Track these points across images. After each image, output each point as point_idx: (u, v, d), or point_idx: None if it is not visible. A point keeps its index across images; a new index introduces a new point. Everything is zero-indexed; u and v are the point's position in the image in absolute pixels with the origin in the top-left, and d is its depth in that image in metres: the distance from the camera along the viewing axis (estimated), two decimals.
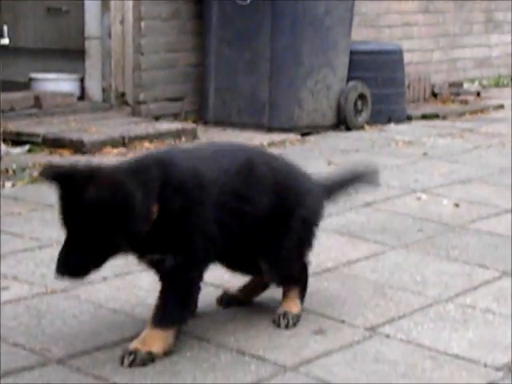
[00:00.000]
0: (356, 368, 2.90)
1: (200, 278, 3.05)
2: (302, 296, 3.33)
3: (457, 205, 4.96)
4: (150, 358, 2.89)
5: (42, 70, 7.12)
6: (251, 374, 2.85)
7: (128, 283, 3.55)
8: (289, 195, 3.20)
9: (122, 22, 6.72)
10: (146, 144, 6.13)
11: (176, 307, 3.00)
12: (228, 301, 3.41)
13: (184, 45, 7.03)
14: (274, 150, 6.20)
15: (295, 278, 3.31)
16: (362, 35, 7.90)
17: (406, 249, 4.21)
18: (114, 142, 6.00)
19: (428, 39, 9.23)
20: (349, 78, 7.08)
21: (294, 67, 6.71)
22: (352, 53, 7.09)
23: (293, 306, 3.27)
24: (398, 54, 7.54)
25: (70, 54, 7.19)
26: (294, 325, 3.20)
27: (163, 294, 3.00)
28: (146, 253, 2.93)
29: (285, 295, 3.31)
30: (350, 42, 7.10)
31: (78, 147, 5.71)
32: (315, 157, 6.16)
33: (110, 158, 5.74)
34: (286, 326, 3.19)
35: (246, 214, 3.08)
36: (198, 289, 3.07)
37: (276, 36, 6.62)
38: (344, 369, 2.89)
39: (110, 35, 6.75)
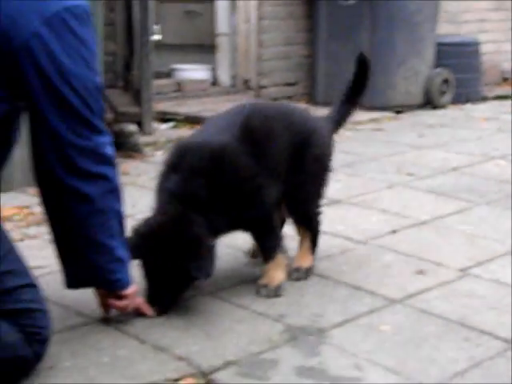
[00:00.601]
0: (452, 302, 3.09)
1: (273, 219, 3.18)
2: (313, 247, 3.38)
3: None
4: (278, 288, 3.12)
5: (181, 61, 7.34)
6: (366, 305, 3.06)
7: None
8: (300, 138, 3.22)
9: (247, 21, 7.04)
10: None
11: (270, 243, 3.18)
12: (254, 254, 3.49)
13: (297, 39, 7.32)
14: (373, 126, 6.60)
15: (309, 216, 3.38)
16: (446, 29, 8.00)
17: (488, 205, 4.36)
18: None
19: (499, 33, 9.32)
20: (435, 66, 7.34)
21: (389, 57, 6.99)
22: (438, 44, 7.34)
23: (304, 260, 3.37)
24: (475, 45, 7.80)
25: (204, 49, 7.47)
26: (306, 277, 3.31)
27: (257, 241, 3.27)
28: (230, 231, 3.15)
29: (299, 247, 3.39)
30: (436, 36, 7.34)
31: None
32: (407, 131, 6.34)
33: None
34: (300, 279, 3.29)
35: (275, 159, 3.13)
36: (276, 225, 3.24)
37: (374, 31, 6.94)
38: (441, 302, 3.08)
39: (236, 32, 7.08)
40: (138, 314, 2.89)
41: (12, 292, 2.37)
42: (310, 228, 3.36)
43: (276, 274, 3.15)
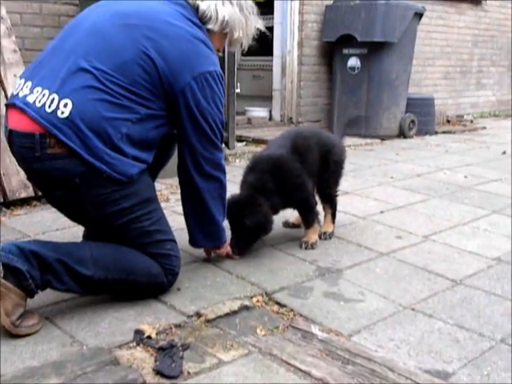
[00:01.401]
0: (419, 256, 3.08)
1: (313, 200, 3.14)
2: (333, 219, 3.33)
3: (466, 176, 5.02)
4: (314, 244, 3.09)
5: (250, 105, 7.33)
6: (366, 256, 3.04)
7: None
8: (325, 149, 3.18)
9: (291, 82, 7.02)
10: None
11: (310, 216, 3.13)
12: (288, 224, 3.45)
13: (322, 94, 7.28)
14: (368, 148, 6.44)
15: (331, 198, 3.30)
16: (413, 90, 7.96)
17: (440, 198, 4.27)
18: None
19: (445, 93, 9.32)
20: (406, 112, 7.22)
21: (378, 106, 6.90)
22: (408, 99, 7.26)
23: (329, 227, 3.31)
24: (431, 100, 7.65)
25: (265, 98, 7.44)
26: (330, 238, 3.26)
27: (301, 215, 3.19)
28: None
29: (325, 220, 3.32)
30: (407, 93, 7.25)
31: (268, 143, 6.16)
32: (389, 151, 6.25)
33: None
34: (326, 239, 3.24)
35: (311, 163, 3.09)
36: (314, 201, 3.15)
37: (369, 90, 6.86)
38: (412, 256, 3.05)
39: (285, 89, 7.05)
40: (228, 256, 2.91)
41: (159, 243, 2.40)
42: (331, 206, 3.32)
43: (313, 235, 3.14)
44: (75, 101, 2.11)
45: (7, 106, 2.28)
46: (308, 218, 3.14)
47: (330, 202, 3.32)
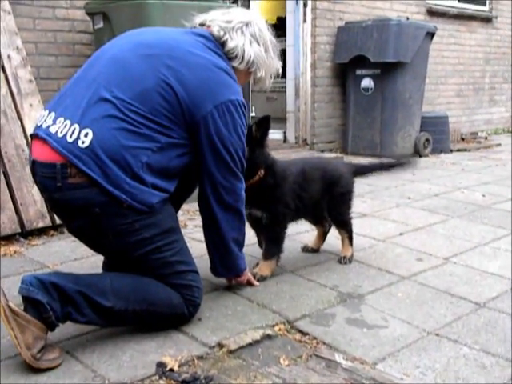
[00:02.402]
0: (440, 278, 3.07)
1: (284, 229, 2.98)
2: (351, 242, 3.26)
3: (484, 195, 5.00)
4: (263, 278, 2.93)
5: None
6: (387, 280, 3.01)
7: None
8: (331, 181, 3.12)
9: (305, 103, 6.99)
10: None
11: (273, 247, 2.98)
12: (307, 249, 3.38)
13: (336, 115, 7.23)
14: None
15: (344, 221, 3.24)
16: (426, 108, 7.93)
17: (459, 218, 4.23)
18: None
19: (459, 110, 9.28)
20: (420, 131, 7.20)
21: (393, 126, 6.86)
22: (422, 117, 7.24)
23: (347, 251, 3.25)
24: (445, 118, 7.64)
25: (279, 120, 7.23)
26: (350, 262, 3.21)
27: (265, 241, 3.02)
28: (252, 207, 2.83)
29: (342, 244, 3.28)
30: (421, 112, 7.22)
31: None
32: (405, 171, 6.31)
33: None
34: (345, 263, 3.20)
35: (303, 195, 3.00)
36: (284, 236, 2.99)
37: (383, 110, 6.82)
38: (433, 279, 3.06)
39: (299, 110, 7.01)
40: (248, 284, 2.89)
41: (180, 273, 2.38)
42: (346, 230, 3.26)
43: (265, 269, 2.99)
44: (95, 130, 2.12)
45: (31, 136, 2.31)
46: (269, 248, 3.01)
47: (345, 227, 3.27)
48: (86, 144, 2.11)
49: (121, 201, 2.15)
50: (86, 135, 2.12)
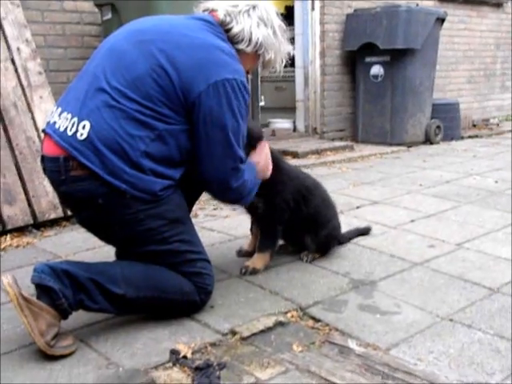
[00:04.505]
0: (453, 264, 3.04)
1: (280, 225, 2.90)
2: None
3: (496, 181, 4.98)
4: (255, 271, 2.85)
5: (274, 117, 7.27)
6: (399, 266, 2.99)
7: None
8: (319, 217, 3.03)
9: (315, 92, 6.97)
10: (328, 152, 6.22)
11: (267, 240, 2.92)
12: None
13: (345, 103, 7.22)
14: (395, 155, 6.40)
15: (323, 251, 3.08)
16: (437, 95, 7.88)
17: (472, 204, 4.22)
18: (313, 152, 6.11)
19: (470, 97, 9.23)
20: (431, 118, 7.18)
21: (403, 113, 6.83)
22: (433, 105, 7.20)
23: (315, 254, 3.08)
24: (455, 104, 7.61)
25: (288, 109, 7.29)
26: (312, 261, 3.03)
27: (260, 233, 2.94)
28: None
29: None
30: (432, 99, 7.19)
31: (294, 155, 5.89)
32: (416, 158, 6.19)
33: (311, 160, 5.80)
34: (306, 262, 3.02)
35: (301, 206, 2.93)
36: (279, 231, 2.92)
37: (393, 97, 6.81)
38: (446, 265, 3.02)
39: (308, 99, 6.99)
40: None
41: (190, 262, 2.37)
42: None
43: (258, 262, 2.92)
44: (92, 121, 2.13)
45: (43, 132, 2.33)
46: (264, 240, 2.93)
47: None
48: (84, 136, 2.12)
49: (122, 191, 2.14)
50: (83, 127, 2.13)
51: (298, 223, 2.96)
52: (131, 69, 2.19)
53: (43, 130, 2.31)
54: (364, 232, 3.42)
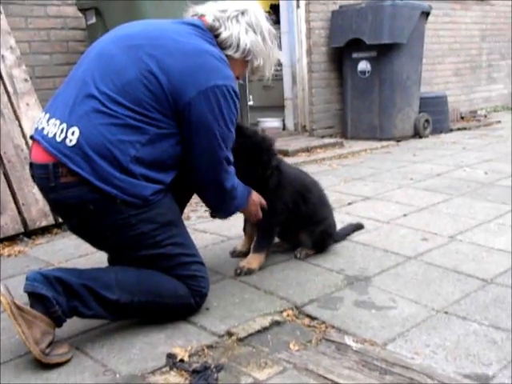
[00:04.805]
0: (446, 257, 3.06)
1: (276, 225, 2.93)
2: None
3: (486, 173, 4.99)
4: (251, 271, 2.84)
5: (263, 116, 7.24)
6: (393, 261, 3.00)
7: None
8: (316, 214, 3.04)
9: (303, 90, 6.99)
10: (318, 150, 6.23)
11: (263, 240, 2.92)
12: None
13: (333, 99, 7.21)
14: (384, 150, 6.42)
15: (319, 248, 3.09)
16: (425, 89, 7.92)
17: (463, 196, 4.24)
18: (303, 149, 6.13)
19: (457, 89, 9.27)
20: (420, 111, 7.19)
21: (391, 108, 6.84)
22: (421, 98, 7.22)
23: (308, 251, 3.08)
24: (443, 97, 7.63)
25: (277, 108, 7.26)
26: (305, 258, 3.03)
27: (257, 233, 2.94)
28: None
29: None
30: (420, 93, 7.20)
31: (284, 153, 5.77)
32: (406, 152, 6.20)
33: (301, 158, 5.79)
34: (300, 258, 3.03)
35: (300, 206, 2.96)
36: (275, 231, 2.95)
37: (381, 92, 6.81)
38: (440, 258, 3.04)
39: (296, 97, 7.00)
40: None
41: (183, 265, 2.35)
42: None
43: (254, 261, 2.92)
44: (81, 127, 2.12)
45: (31, 139, 2.31)
46: (260, 240, 2.94)
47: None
48: (74, 142, 2.11)
49: (112, 196, 2.13)
50: (72, 133, 2.12)
51: (294, 221, 2.97)
52: (121, 74, 2.18)
53: (31, 137, 2.29)
54: (358, 228, 3.40)
